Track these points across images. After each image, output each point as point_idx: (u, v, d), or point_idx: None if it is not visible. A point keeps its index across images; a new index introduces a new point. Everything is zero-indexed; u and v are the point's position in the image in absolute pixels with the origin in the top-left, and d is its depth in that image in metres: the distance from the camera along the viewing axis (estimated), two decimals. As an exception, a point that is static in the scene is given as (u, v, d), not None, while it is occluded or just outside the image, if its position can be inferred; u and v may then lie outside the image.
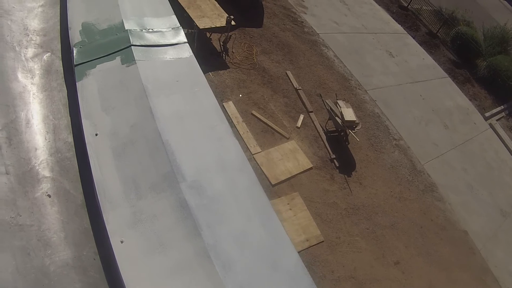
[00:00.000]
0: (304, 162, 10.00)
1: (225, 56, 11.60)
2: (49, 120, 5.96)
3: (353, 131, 10.57)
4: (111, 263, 4.59)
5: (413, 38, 17.08)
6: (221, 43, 11.59)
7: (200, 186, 5.19)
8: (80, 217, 5.14)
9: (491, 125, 14.88)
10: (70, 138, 5.87)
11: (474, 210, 11.41)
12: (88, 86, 5.95)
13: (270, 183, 9.22)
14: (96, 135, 5.45)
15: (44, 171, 5.39)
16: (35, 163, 5.42)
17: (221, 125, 6.02)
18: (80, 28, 6.67)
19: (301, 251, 8.23)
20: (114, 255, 4.48)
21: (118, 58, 6.34)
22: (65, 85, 6.45)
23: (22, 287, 4.39)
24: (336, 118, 10.54)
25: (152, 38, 6.81)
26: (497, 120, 15.39)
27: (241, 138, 9.75)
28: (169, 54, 6.72)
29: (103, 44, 6.51)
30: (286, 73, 12.21)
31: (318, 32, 14.40)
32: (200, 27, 10.47)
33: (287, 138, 10.38)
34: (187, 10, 10.67)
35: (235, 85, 11.00)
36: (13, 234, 4.69)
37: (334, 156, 10.53)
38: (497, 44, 17.22)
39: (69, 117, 6.08)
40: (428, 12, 18.45)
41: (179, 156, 5.35)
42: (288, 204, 8.99)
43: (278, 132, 10.39)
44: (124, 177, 5.09)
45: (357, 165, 10.76)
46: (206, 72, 10.07)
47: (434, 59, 16.49)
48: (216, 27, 10.80)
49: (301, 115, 11.15)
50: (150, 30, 6.90)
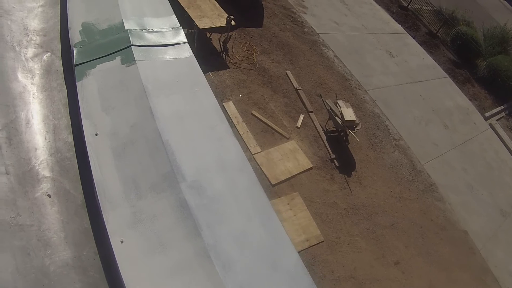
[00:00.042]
0: (304, 162, 10.00)
1: (225, 56, 11.60)
2: (49, 120, 5.96)
3: (353, 131, 10.57)
4: (111, 263, 4.59)
5: (413, 38, 17.09)
6: (221, 43, 11.59)
7: (200, 186, 5.19)
8: (80, 217, 5.15)
9: (491, 125, 14.88)
10: (70, 138, 5.87)
11: (474, 210, 11.41)
12: (88, 86, 5.95)
13: (270, 183, 9.23)
14: (96, 135, 5.45)
15: (44, 171, 5.39)
16: (35, 163, 5.42)
17: (221, 125, 6.02)
18: (80, 28, 6.67)
19: (301, 251, 8.23)
20: (114, 255, 4.48)
21: (118, 58, 6.34)
22: (65, 85, 6.45)
23: (22, 287, 4.39)
24: (336, 118, 10.54)
25: (152, 38, 6.81)
26: (497, 120, 15.39)
27: (241, 138, 9.75)
28: (169, 54, 6.72)
29: (103, 44, 6.51)
30: (286, 73, 12.21)
31: (318, 32, 14.40)
32: (200, 27, 10.48)
33: (287, 138, 10.38)
34: (187, 10, 10.68)
35: (235, 85, 11.00)
36: (13, 234, 4.69)
37: (334, 156, 10.54)
38: (497, 44, 17.23)
39: (69, 117, 6.08)
40: (428, 12, 18.45)
41: (179, 156, 5.35)
42: (288, 204, 9.00)
43: (278, 132, 10.39)
44: (124, 177, 5.10)
45: (357, 165, 10.77)
46: (206, 72, 10.07)
47: (434, 59, 16.49)
48: (216, 27, 10.81)
49: (301, 115, 11.15)
50: (150, 30, 6.90)
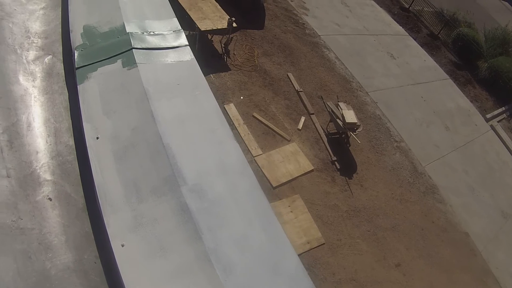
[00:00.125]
0: (305, 164, 10.00)
1: (227, 58, 11.60)
2: (50, 123, 5.98)
3: (354, 133, 10.56)
4: (112, 267, 4.60)
5: (415, 40, 17.07)
6: (223, 45, 11.60)
7: (201, 190, 5.20)
8: (81, 221, 5.16)
9: (492, 127, 14.86)
10: (71, 141, 5.89)
11: (475, 212, 11.39)
12: (89, 89, 5.97)
13: (271, 185, 9.22)
14: (97, 138, 5.46)
15: (45, 175, 5.40)
16: (36, 166, 5.43)
17: (222, 129, 6.03)
18: (82, 31, 6.69)
19: (302, 254, 8.22)
20: (115, 259, 4.49)
21: (120, 61, 6.36)
22: (66, 88, 6.47)
23: (23, 291, 4.40)
24: (337, 120, 10.54)
25: (153, 41, 6.82)
26: (498, 122, 15.36)
27: (242, 140, 9.74)
28: (170, 57, 6.74)
29: (105, 47, 6.53)
30: (287, 75, 12.21)
31: (320, 34, 14.40)
32: (202, 29, 10.48)
33: (288, 140, 10.38)
34: (189, 12, 10.68)
35: (236, 87, 11.01)
36: (14, 238, 4.71)
37: (335, 158, 10.53)
38: (498, 46, 17.21)
39: (70, 120, 6.10)
40: (430, 14, 18.44)
41: (180, 160, 5.36)
42: (289, 207, 8.99)
43: (279, 134, 10.39)
44: (125, 181, 5.11)
45: (358, 167, 10.76)
46: (207, 74, 10.08)
47: (436, 61, 16.46)
48: (218, 29, 10.81)
49: (302, 117, 11.15)
50: (152, 33, 6.91)
